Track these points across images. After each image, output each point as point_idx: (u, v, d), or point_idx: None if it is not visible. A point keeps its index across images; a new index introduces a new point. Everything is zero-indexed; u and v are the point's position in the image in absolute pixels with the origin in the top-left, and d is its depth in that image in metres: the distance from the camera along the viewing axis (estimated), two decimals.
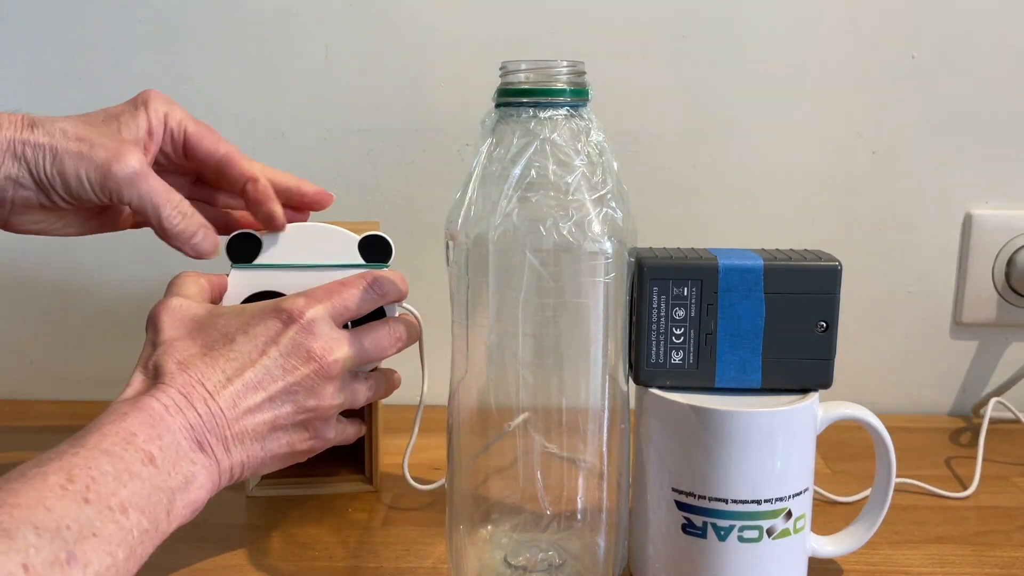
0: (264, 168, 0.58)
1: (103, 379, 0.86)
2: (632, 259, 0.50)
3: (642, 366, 0.50)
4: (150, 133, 0.54)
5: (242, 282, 0.57)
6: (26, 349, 0.86)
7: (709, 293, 0.49)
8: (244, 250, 0.58)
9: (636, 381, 0.51)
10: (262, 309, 0.50)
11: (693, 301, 0.49)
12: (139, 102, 0.55)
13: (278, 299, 0.51)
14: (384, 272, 0.56)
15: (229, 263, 0.58)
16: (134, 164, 0.50)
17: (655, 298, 0.49)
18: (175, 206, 0.52)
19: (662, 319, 0.49)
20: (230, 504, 0.63)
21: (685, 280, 0.49)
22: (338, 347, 0.50)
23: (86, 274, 0.84)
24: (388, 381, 0.58)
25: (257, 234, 0.58)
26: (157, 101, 0.55)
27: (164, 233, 0.53)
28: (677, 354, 0.50)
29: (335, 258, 0.58)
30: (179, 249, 0.54)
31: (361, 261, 0.58)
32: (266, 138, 0.80)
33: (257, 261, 0.58)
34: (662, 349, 0.50)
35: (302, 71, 0.79)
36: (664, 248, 0.52)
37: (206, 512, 0.63)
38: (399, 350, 0.56)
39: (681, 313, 0.49)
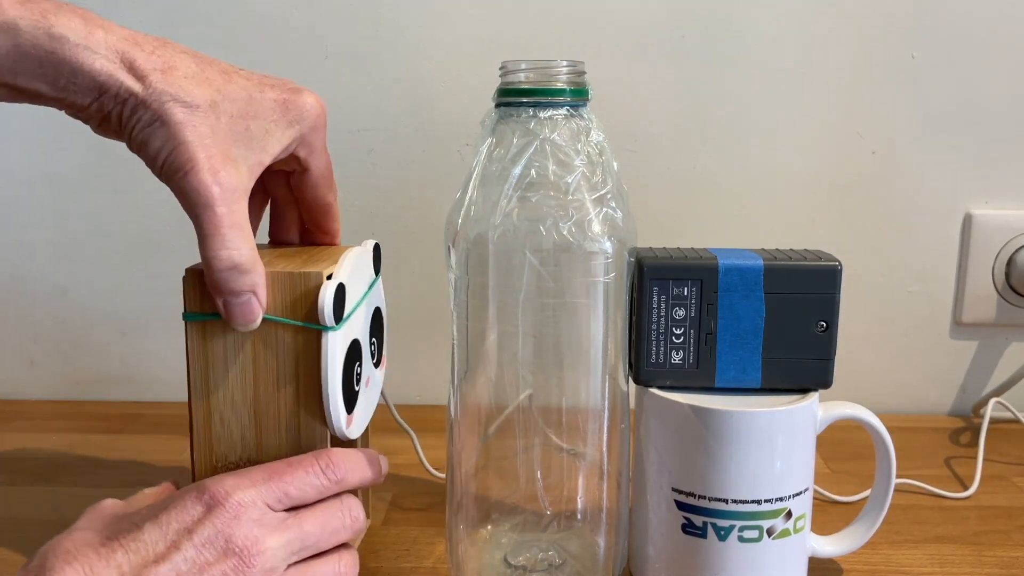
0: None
1: (103, 379, 0.86)
2: (632, 259, 0.50)
3: (642, 366, 0.50)
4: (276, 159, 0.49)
5: (339, 342, 0.47)
6: (26, 349, 0.86)
7: (709, 293, 0.49)
8: (340, 304, 0.47)
9: (636, 381, 0.51)
10: (183, 491, 0.43)
11: (693, 301, 0.49)
12: (294, 120, 0.49)
13: (203, 480, 0.44)
14: (346, 453, 0.47)
15: (326, 325, 0.47)
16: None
17: (655, 298, 0.49)
18: None
19: (662, 319, 0.49)
20: None
21: (685, 280, 0.49)
22: (268, 535, 0.42)
23: (86, 274, 0.84)
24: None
25: (341, 281, 0.48)
26: (315, 135, 0.51)
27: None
28: (677, 354, 0.50)
29: (369, 277, 0.52)
30: None
31: (374, 275, 0.55)
32: None
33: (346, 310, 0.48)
34: (662, 349, 0.50)
35: (302, 71, 0.79)
36: (664, 248, 0.52)
37: None
38: (356, 532, 0.47)
39: (681, 313, 0.49)
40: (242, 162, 0.46)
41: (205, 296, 0.46)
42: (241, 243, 0.44)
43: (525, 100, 0.48)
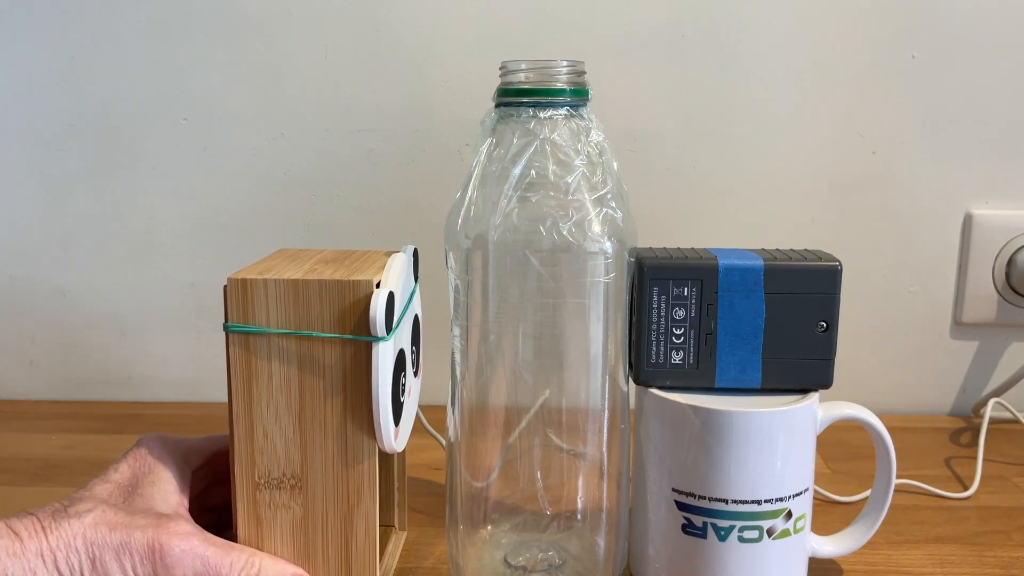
0: None
1: (103, 379, 0.86)
2: (632, 259, 0.50)
3: (642, 366, 0.50)
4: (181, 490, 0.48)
5: (389, 353, 0.46)
6: (26, 349, 0.86)
7: (709, 293, 0.49)
8: (391, 314, 0.45)
9: (636, 381, 0.51)
10: None
11: (693, 301, 0.49)
12: (148, 463, 0.49)
13: None
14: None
15: (378, 336, 0.45)
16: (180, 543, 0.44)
17: (655, 298, 0.49)
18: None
19: (662, 319, 0.49)
20: None
21: (685, 280, 0.49)
22: None
23: (86, 274, 0.84)
24: None
25: (391, 289, 0.46)
26: (164, 453, 0.49)
27: None
28: (677, 354, 0.50)
29: (410, 284, 0.51)
30: None
31: (414, 281, 0.54)
32: (266, 138, 0.80)
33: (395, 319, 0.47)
34: (662, 349, 0.50)
35: (302, 71, 0.79)
36: (664, 248, 0.52)
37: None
38: None
39: (681, 313, 0.49)
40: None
41: (248, 306, 0.45)
42: (250, 557, 0.46)
43: (525, 100, 0.48)
